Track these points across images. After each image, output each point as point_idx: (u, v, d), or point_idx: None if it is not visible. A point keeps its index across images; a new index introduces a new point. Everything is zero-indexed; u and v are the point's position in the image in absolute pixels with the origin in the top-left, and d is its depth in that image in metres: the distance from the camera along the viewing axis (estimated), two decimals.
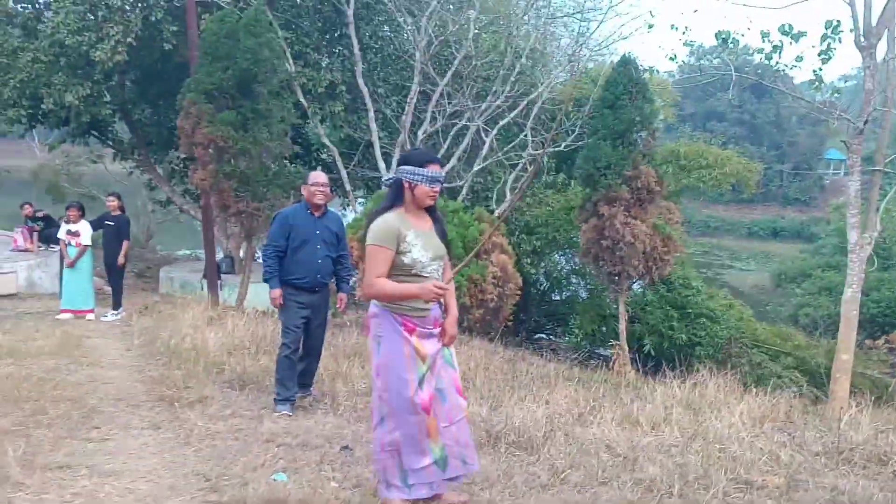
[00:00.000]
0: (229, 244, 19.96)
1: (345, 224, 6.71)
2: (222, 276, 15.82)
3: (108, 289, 12.82)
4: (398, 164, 3.95)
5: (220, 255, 17.99)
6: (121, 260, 11.70)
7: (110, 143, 20.03)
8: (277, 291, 6.07)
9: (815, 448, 5.32)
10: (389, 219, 3.84)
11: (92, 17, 15.23)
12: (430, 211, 3.99)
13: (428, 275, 3.86)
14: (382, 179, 4.27)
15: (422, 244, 3.85)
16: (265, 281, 6.17)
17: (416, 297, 3.78)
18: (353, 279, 11.12)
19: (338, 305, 6.55)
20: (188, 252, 26.74)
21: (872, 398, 8.05)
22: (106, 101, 17.04)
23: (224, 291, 14.92)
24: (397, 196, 3.91)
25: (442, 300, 3.93)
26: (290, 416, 5.85)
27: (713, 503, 4.22)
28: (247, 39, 11.97)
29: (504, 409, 5.97)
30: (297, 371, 6.19)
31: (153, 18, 15.40)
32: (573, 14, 20.25)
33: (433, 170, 3.87)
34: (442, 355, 3.95)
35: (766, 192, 50.48)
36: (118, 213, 11.87)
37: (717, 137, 34.51)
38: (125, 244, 11.72)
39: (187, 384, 6.61)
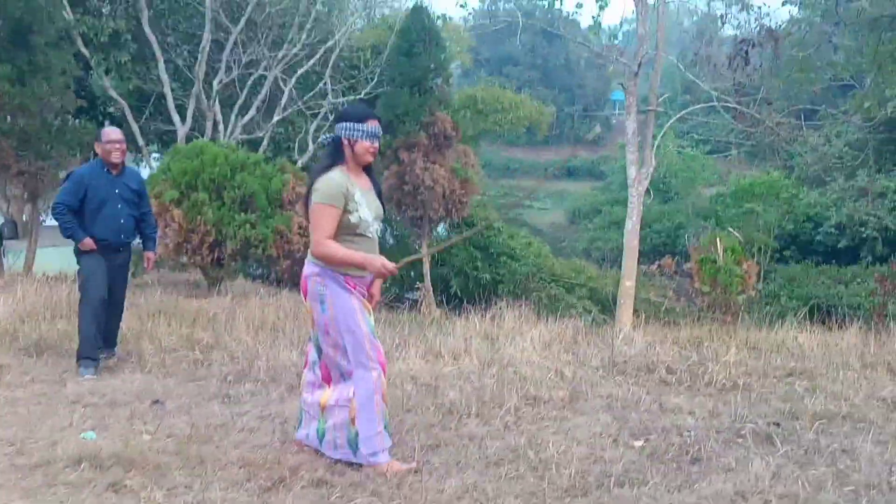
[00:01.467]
0: (10, 208, 18.52)
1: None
2: (4, 242, 14.76)
3: None
4: (335, 122, 3.93)
5: (0, 220, 16.73)
6: None
7: None
8: (87, 239, 5.84)
9: (594, 363, 5.97)
10: (336, 177, 3.80)
11: None
12: (367, 170, 3.99)
13: (371, 235, 3.88)
14: (319, 139, 4.23)
15: (366, 203, 3.86)
16: (67, 237, 5.92)
17: (360, 267, 3.79)
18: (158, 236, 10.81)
19: (146, 265, 6.41)
20: None
21: (649, 318, 9.01)
22: None
23: (8, 258, 13.97)
24: (337, 154, 3.87)
25: None
26: (95, 378, 5.74)
27: (506, 418, 4.68)
28: None
29: None
30: (101, 329, 6.05)
31: None
32: None
33: (372, 125, 3.84)
34: None
35: (560, 134, 52.96)
36: None
37: (512, 82, 35.85)
38: None
39: None
